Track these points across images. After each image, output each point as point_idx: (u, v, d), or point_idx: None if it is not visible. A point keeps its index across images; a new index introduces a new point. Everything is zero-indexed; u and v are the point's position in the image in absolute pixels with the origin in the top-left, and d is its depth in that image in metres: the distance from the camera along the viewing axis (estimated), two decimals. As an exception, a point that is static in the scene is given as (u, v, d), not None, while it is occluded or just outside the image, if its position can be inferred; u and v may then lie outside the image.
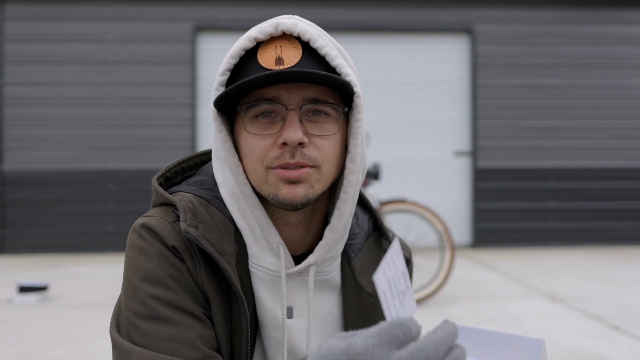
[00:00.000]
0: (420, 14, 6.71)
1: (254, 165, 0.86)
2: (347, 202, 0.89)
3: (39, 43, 6.41)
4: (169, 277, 0.83)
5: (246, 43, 0.85)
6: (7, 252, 6.33)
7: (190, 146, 6.44)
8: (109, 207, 6.40)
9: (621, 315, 3.56)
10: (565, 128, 6.80)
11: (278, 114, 0.84)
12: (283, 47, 0.85)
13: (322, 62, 0.86)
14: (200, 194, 0.92)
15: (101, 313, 3.65)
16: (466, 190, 6.77)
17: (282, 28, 0.85)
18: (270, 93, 0.83)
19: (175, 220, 0.88)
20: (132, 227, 0.90)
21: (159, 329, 0.80)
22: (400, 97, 6.72)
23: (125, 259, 0.88)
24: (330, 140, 0.85)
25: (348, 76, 0.85)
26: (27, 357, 2.83)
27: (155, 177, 0.95)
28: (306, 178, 0.84)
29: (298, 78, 0.81)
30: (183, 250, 0.85)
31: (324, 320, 0.96)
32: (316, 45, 0.85)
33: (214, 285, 0.86)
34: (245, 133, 0.86)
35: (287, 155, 0.82)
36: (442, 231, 4.02)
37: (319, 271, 0.94)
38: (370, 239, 1.03)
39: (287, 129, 0.82)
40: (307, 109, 0.84)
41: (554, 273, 5.05)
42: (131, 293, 0.83)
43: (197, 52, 6.56)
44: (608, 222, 6.81)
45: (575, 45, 6.81)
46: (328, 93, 0.85)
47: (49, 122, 6.40)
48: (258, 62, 0.84)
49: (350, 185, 0.88)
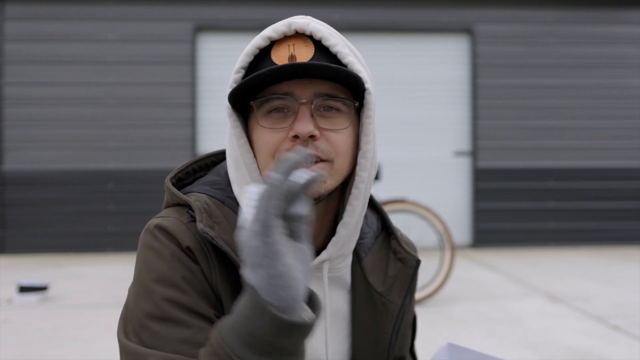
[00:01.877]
0: (420, 14, 6.71)
1: (266, 159, 0.87)
2: (358, 197, 0.90)
3: (39, 43, 6.41)
4: (182, 279, 0.83)
5: (260, 42, 0.87)
6: (7, 252, 6.33)
7: (190, 146, 6.44)
8: (109, 207, 6.40)
9: (621, 315, 3.56)
10: (565, 128, 6.80)
11: (290, 109, 0.86)
12: (296, 45, 0.87)
13: (334, 60, 0.87)
14: (214, 194, 0.92)
15: (101, 313, 3.65)
16: (466, 190, 6.77)
17: (295, 27, 0.87)
18: (283, 89, 0.85)
19: (190, 221, 0.88)
20: (145, 227, 0.89)
21: (170, 331, 0.80)
22: (400, 97, 6.72)
23: (137, 260, 0.88)
24: (342, 134, 0.87)
25: (359, 73, 0.87)
26: (27, 357, 2.83)
27: (168, 178, 0.96)
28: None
29: (309, 71, 0.82)
30: (198, 251, 0.85)
31: (334, 316, 0.97)
32: (328, 43, 0.87)
33: (228, 286, 0.86)
34: (259, 127, 0.87)
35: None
36: (442, 231, 4.02)
37: (331, 268, 0.95)
38: (379, 239, 1.04)
39: (298, 122, 0.83)
40: (318, 104, 0.85)
41: (554, 273, 5.05)
42: (143, 293, 0.83)
43: (197, 52, 6.56)
44: (608, 222, 6.81)
45: (575, 45, 6.82)
46: (339, 89, 0.87)
47: (49, 122, 6.40)
48: (272, 59, 0.87)
49: (361, 181, 0.90)
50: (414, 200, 4.71)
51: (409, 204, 4.05)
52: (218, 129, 6.50)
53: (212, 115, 6.55)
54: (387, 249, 1.03)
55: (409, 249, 1.03)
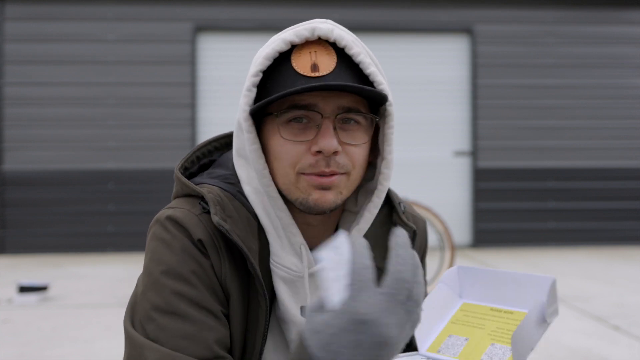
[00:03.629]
0: (420, 14, 6.71)
1: (285, 169, 0.86)
2: (378, 206, 0.92)
3: (39, 43, 6.41)
4: (192, 273, 0.83)
5: (282, 46, 0.86)
6: (7, 252, 6.32)
7: (190, 146, 6.43)
8: (109, 207, 6.40)
9: (621, 315, 3.56)
10: (565, 128, 6.80)
11: (312, 121, 0.85)
12: (318, 53, 0.85)
13: (355, 69, 0.86)
14: (226, 187, 0.92)
15: (101, 313, 3.65)
16: (466, 190, 6.77)
17: (319, 33, 0.85)
18: (306, 100, 0.84)
19: (202, 212, 0.87)
20: (155, 217, 0.89)
21: (175, 325, 0.80)
22: (400, 97, 6.71)
23: (147, 251, 0.88)
24: (361, 148, 0.87)
25: (381, 84, 0.87)
26: (27, 357, 2.83)
27: (177, 167, 0.95)
28: (337, 185, 0.86)
29: (338, 89, 0.82)
30: (209, 244, 0.85)
31: None
32: (352, 52, 0.86)
33: (236, 281, 0.86)
34: (279, 137, 0.86)
35: (323, 164, 0.84)
36: (442, 231, 4.02)
37: None
38: (382, 213, 1.02)
39: (323, 138, 0.83)
40: (340, 117, 0.85)
41: (554, 273, 5.05)
42: (151, 285, 0.83)
43: (197, 52, 6.56)
44: (608, 222, 6.81)
45: (575, 45, 6.81)
46: (360, 102, 0.87)
47: (49, 122, 6.40)
48: (292, 66, 0.85)
49: (383, 191, 0.92)
50: (414, 200, 4.71)
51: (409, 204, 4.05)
52: (218, 129, 6.44)
53: (212, 115, 6.55)
54: (390, 223, 1.02)
55: (407, 221, 1.00)
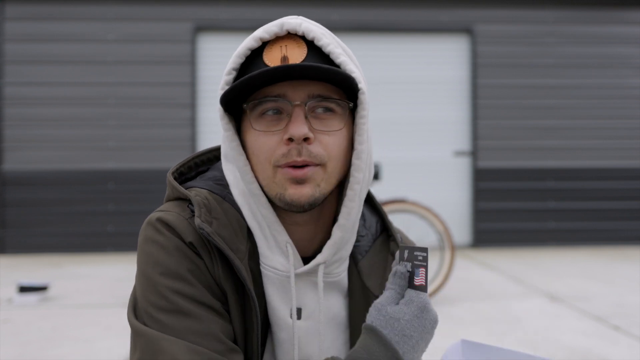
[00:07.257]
0: (420, 14, 6.71)
1: (262, 163, 0.86)
2: (354, 199, 0.89)
3: (39, 43, 6.41)
4: (189, 272, 0.83)
5: (252, 43, 0.86)
6: (7, 252, 6.33)
7: (190, 146, 6.44)
8: (109, 207, 6.40)
9: (621, 315, 3.55)
10: (565, 128, 6.80)
11: (284, 111, 0.84)
12: (288, 46, 0.85)
13: (327, 61, 0.86)
14: (215, 190, 0.92)
15: (101, 313, 3.65)
16: (466, 190, 6.77)
17: (287, 27, 0.86)
18: (275, 90, 0.84)
19: (191, 216, 0.87)
20: (146, 220, 0.89)
21: (181, 323, 0.80)
22: (400, 97, 6.71)
23: (139, 253, 0.87)
24: (336, 136, 0.85)
25: (352, 73, 0.86)
26: (27, 357, 2.82)
27: (170, 172, 0.95)
28: (312, 177, 0.84)
29: (302, 72, 0.81)
30: (200, 246, 0.85)
31: (331, 322, 0.95)
32: (320, 43, 0.86)
33: (230, 282, 0.86)
34: (252, 130, 0.86)
35: (294, 153, 0.82)
36: (442, 231, 4.02)
37: (328, 272, 0.92)
38: (378, 241, 1.01)
39: (292, 124, 0.82)
40: (312, 105, 0.84)
41: (554, 273, 5.05)
42: (150, 287, 0.83)
43: (197, 52, 6.56)
44: (608, 222, 6.81)
45: (575, 45, 6.81)
46: (333, 90, 0.86)
47: (49, 122, 6.40)
48: (264, 61, 0.85)
49: (356, 182, 0.88)
50: (414, 200, 4.71)
51: (409, 204, 4.05)
52: (218, 129, 6.47)
53: (212, 115, 6.55)
54: (386, 251, 1.00)
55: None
